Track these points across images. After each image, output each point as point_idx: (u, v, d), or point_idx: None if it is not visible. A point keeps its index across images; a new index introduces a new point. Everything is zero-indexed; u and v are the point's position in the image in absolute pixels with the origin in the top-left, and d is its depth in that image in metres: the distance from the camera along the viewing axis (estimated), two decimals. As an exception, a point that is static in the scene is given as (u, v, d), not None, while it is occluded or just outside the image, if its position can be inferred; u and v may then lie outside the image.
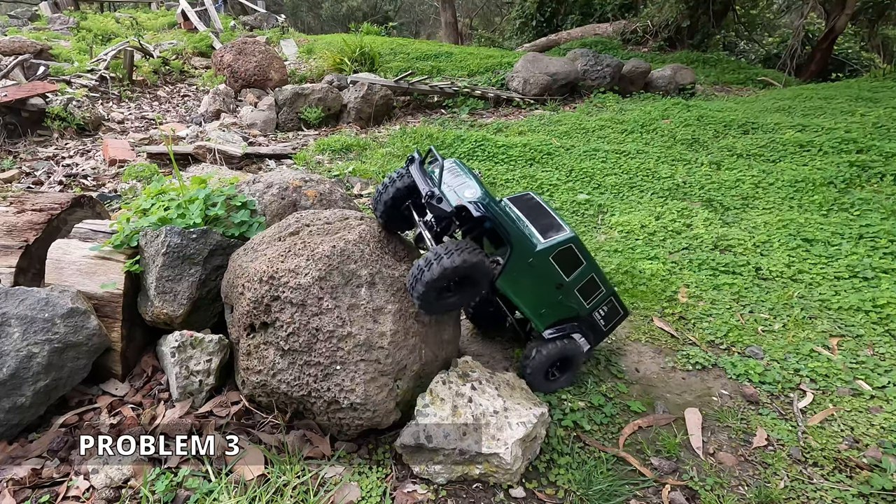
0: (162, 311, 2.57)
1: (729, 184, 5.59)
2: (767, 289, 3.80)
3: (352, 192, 5.32)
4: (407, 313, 2.31)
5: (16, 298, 2.36)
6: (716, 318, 3.47)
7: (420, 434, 2.19)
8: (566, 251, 2.42)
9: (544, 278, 2.43)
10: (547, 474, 2.29)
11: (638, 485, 2.28)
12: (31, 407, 2.27)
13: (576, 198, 5.36)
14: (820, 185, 5.36)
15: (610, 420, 2.62)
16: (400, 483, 2.21)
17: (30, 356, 2.27)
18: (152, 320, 2.62)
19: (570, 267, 2.47)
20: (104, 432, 2.29)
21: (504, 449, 2.17)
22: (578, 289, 2.56)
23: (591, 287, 2.61)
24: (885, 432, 2.53)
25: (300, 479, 2.14)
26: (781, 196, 5.28)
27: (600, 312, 2.73)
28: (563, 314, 2.61)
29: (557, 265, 2.42)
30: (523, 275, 2.37)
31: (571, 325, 2.66)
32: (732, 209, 5.15)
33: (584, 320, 2.69)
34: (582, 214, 5.10)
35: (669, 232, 4.67)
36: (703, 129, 7.27)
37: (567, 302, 2.57)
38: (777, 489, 2.26)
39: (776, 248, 4.30)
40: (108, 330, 2.57)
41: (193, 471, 2.14)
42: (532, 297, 2.47)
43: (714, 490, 2.27)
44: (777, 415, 2.69)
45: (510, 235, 2.26)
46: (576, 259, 2.47)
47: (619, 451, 2.44)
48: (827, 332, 3.30)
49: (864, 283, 3.78)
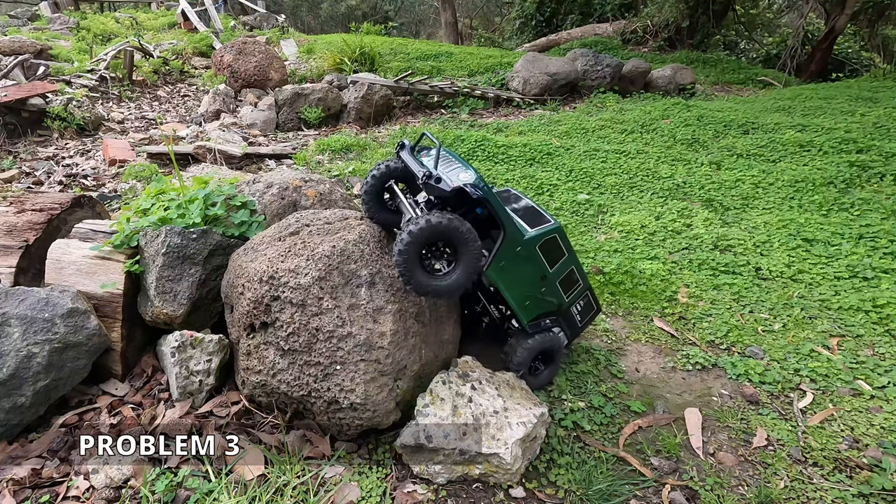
0: (162, 310, 2.56)
1: (729, 184, 5.59)
2: (767, 289, 3.80)
3: (352, 192, 5.31)
4: (407, 313, 2.31)
5: (16, 298, 2.36)
6: (716, 318, 3.48)
7: (420, 434, 2.19)
8: (551, 241, 2.46)
9: (530, 269, 2.45)
10: (547, 474, 2.29)
11: (638, 485, 2.28)
12: (31, 407, 2.27)
13: (576, 198, 5.36)
14: (820, 185, 5.36)
15: (610, 420, 2.62)
16: (400, 483, 2.21)
17: (30, 356, 2.26)
18: (152, 320, 2.62)
19: (554, 258, 2.51)
20: (104, 432, 2.28)
21: (504, 449, 2.17)
22: (560, 281, 2.59)
23: (571, 280, 2.65)
24: (885, 432, 2.53)
25: (300, 479, 2.13)
26: (781, 196, 5.28)
27: (577, 307, 2.76)
28: (544, 308, 2.62)
29: (543, 255, 2.45)
30: (511, 264, 2.38)
31: (551, 318, 2.68)
32: (732, 209, 5.15)
33: (563, 314, 2.71)
34: (582, 214, 5.10)
35: (669, 232, 4.67)
36: (703, 129, 7.27)
37: (549, 295, 2.59)
38: (777, 489, 2.26)
39: (776, 248, 4.30)
40: (108, 330, 2.57)
41: (193, 471, 2.14)
42: (518, 288, 2.48)
43: (714, 490, 2.27)
44: (777, 415, 2.69)
45: (503, 220, 2.26)
46: (559, 250, 2.51)
47: (619, 451, 2.44)
48: (827, 332, 3.30)
49: (864, 283, 3.78)
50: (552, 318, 2.69)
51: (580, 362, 3.01)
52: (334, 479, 2.15)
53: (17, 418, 2.24)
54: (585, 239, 4.58)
